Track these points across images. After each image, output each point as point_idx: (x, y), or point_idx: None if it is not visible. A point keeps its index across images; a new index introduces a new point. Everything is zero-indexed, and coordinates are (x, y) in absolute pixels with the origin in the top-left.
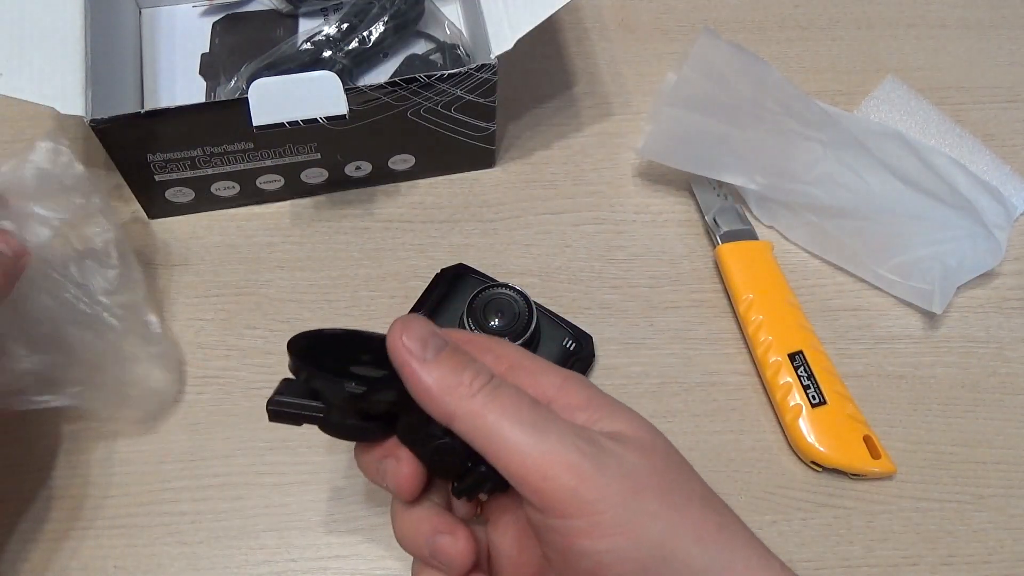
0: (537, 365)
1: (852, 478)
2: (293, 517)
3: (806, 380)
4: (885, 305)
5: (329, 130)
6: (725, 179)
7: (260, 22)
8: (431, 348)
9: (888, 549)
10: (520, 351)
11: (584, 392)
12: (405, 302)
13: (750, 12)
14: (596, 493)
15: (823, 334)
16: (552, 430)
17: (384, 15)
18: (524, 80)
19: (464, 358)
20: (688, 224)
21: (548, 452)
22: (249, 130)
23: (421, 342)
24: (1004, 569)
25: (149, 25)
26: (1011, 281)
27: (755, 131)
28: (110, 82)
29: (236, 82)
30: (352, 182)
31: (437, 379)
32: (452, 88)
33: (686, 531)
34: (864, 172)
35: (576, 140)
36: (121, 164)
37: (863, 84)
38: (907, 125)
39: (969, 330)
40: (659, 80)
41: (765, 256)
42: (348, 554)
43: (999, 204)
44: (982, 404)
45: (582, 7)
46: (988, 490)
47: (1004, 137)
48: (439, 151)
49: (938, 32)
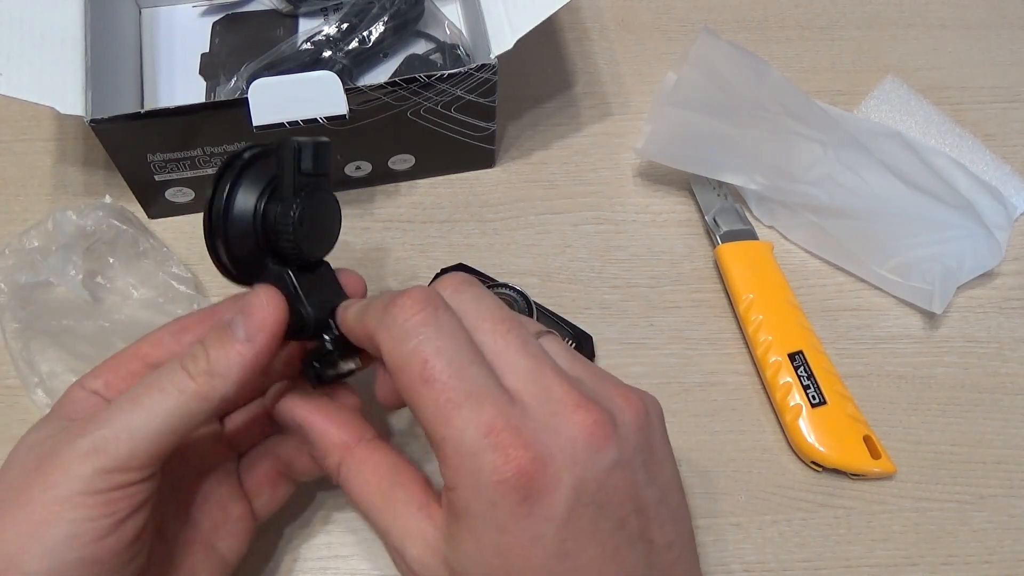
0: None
1: (852, 478)
2: (293, 517)
3: (806, 380)
4: (885, 305)
5: (329, 130)
6: (725, 179)
7: (260, 22)
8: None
9: (888, 549)
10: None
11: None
12: None
13: (750, 12)
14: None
15: (823, 334)
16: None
17: (384, 15)
18: (524, 80)
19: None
20: (688, 224)
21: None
22: (249, 130)
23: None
24: (1004, 569)
25: (149, 25)
26: (1011, 281)
27: (755, 131)
28: (110, 82)
29: (236, 82)
30: (352, 182)
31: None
32: (452, 88)
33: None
34: (864, 172)
35: (576, 140)
36: (121, 164)
37: (863, 84)
38: (907, 125)
39: (969, 330)
40: (659, 80)
41: (765, 256)
42: (348, 554)
43: (999, 204)
44: (982, 404)
45: (582, 7)
46: (988, 490)
47: (1004, 137)
48: (439, 151)
49: (938, 32)
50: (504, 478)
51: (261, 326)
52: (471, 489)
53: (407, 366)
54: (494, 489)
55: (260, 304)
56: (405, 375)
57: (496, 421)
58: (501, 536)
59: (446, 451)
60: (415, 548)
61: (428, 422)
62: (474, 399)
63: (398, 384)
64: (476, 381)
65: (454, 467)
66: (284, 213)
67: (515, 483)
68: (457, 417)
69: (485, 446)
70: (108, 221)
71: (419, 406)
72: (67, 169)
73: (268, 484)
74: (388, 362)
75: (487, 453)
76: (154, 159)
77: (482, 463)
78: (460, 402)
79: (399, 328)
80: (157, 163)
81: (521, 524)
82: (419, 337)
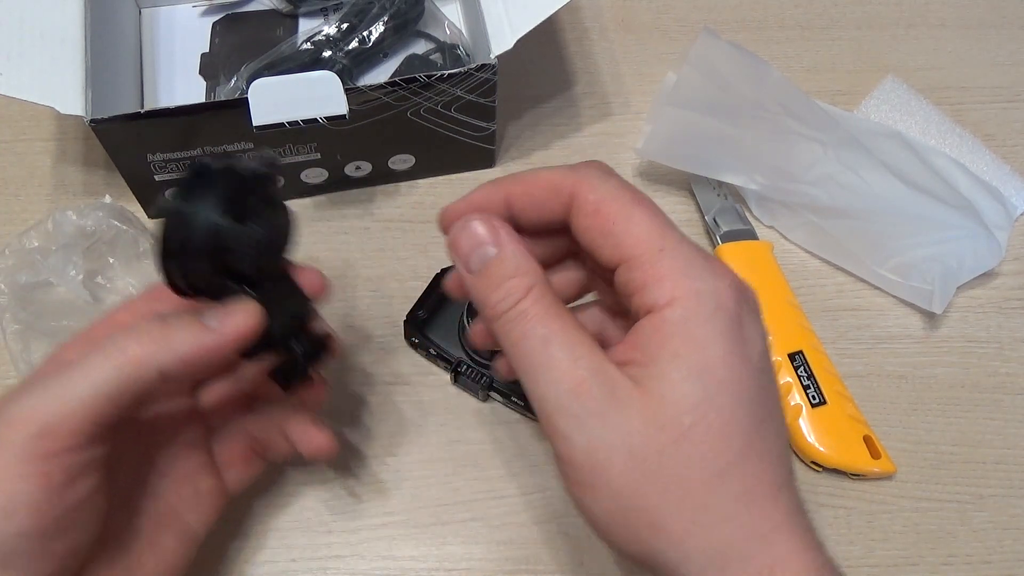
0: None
1: (852, 478)
2: (293, 517)
3: (806, 380)
4: (885, 305)
5: (329, 130)
6: (725, 179)
7: (260, 22)
8: (475, 259)
9: (888, 549)
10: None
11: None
12: (405, 302)
13: (750, 12)
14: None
15: (823, 334)
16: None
17: (384, 15)
18: (524, 80)
19: (502, 271)
20: (688, 224)
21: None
22: (249, 130)
23: (467, 253)
24: (1004, 569)
25: (149, 25)
26: (1011, 281)
27: (755, 131)
28: (110, 82)
29: (236, 82)
30: (352, 182)
31: (476, 294)
32: (452, 88)
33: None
34: (864, 172)
35: (576, 140)
36: (121, 164)
37: (863, 84)
38: (907, 125)
39: (969, 330)
40: (659, 80)
41: (765, 256)
42: (348, 554)
43: (999, 204)
44: (982, 404)
45: (582, 7)
46: (988, 490)
47: (1004, 137)
48: (439, 151)
49: (938, 32)
50: (729, 288)
51: (235, 324)
52: (692, 299)
53: (620, 195)
54: (716, 297)
55: (243, 310)
56: (619, 203)
57: (700, 250)
58: (717, 349)
59: (664, 264)
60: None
61: (643, 238)
62: (672, 227)
63: (608, 217)
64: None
65: (673, 278)
66: (242, 238)
67: (734, 296)
68: (672, 231)
69: (702, 261)
70: (108, 221)
71: (635, 223)
72: (67, 169)
73: (240, 461)
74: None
75: (705, 267)
76: (154, 159)
77: (703, 272)
78: (668, 223)
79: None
80: (157, 163)
81: (735, 337)
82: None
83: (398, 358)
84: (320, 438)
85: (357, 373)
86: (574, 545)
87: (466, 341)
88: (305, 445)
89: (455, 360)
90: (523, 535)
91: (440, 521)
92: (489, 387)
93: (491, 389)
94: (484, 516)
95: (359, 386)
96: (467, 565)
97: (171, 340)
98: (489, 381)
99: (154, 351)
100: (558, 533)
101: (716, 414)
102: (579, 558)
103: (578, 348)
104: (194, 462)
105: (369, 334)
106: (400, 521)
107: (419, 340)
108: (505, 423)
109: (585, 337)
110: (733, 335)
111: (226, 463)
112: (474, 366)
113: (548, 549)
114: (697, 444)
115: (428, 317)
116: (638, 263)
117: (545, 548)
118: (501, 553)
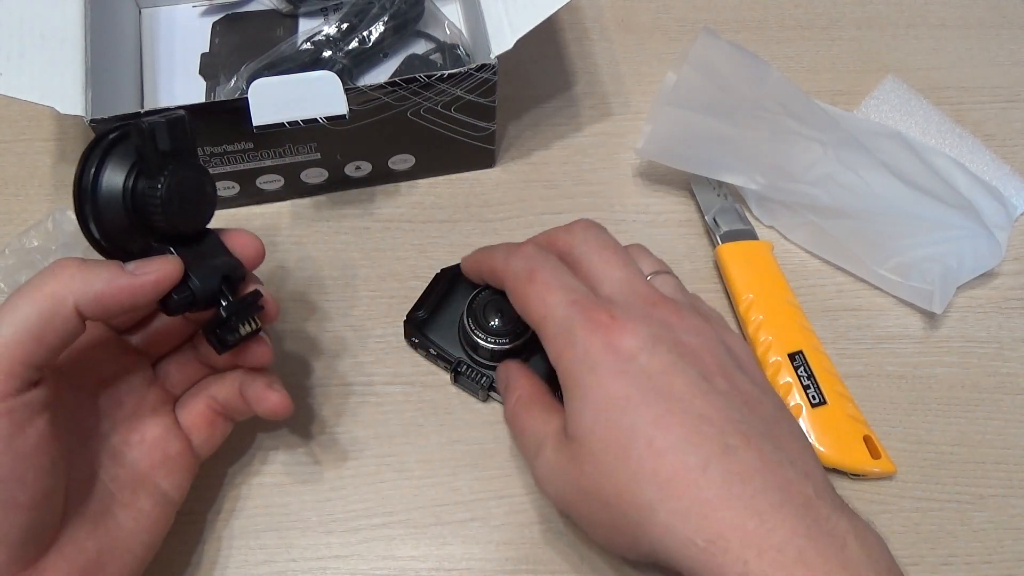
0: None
1: (852, 478)
2: (293, 517)
3: (806, 380)
4: (885, 305)
5: (329, 130)
6: (725, 179)
7: (260, 22)
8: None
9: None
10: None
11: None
12: (405, 302)
13: (750, 12)
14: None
15: (823, 334)
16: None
17: (384, 15)
18: (524, 80)
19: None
20: (688, 224)
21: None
22: (249, 130)
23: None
24: (1004, 569)
25: (149, 25)
26: (1011, 281)
27: (755, 131)
28: (110, 82)
29: (236, 82)
30: (352, 182)
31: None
32: (452, 88)
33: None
34: (864, 172)
35: (576, 140)
36: None
37: (863, 84)
38: (907, 125)
39: (969, 330)
40: (659, 80)
41: (765, 256)
42: (348, 554)
43: (999, 204)
44: (982, 404)
45: (582, 7)
46: (988, 490)
47: (1004, 137)
48: (439, 151)
49: (938, 32)
50: (591, 330)
51: (150, 270)
52: (568, 351)
53: (518, 273)
54: (584, 342)
55: (160, 259)
56: (516, 280)
57: (581, 299)
58: (599, 383)
59: (547, 329)
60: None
61: (532, 311)
62: (567, 288)
63: (511, 293)
64: (571, 282)
65: (552, 337)
66: (151, 193)
67: (600, 334)
68: (551, 297)
69: (572, 313)
70: None
71: (525, 299)
72: (67, 169)
73: (205, 423)
74: (505, 280)
75: (575, 317)
76: None
77: (572, 325)
78: (555, 288)
79: (517, 255)
80: None
81: (609, 364)
82: (530, 259)
83: (398, 358)
84: (274, 398)
85: (357, 373)
86: (574, 545)
87: (465, 339)
88: (259, 405)
89: (455, 360)
90: (523, 535)
91: (440, 521)
92: (489, 387)
93: (491, 389)
94: (484, 516)
95: (359, 386)
96: (467, 565)
97: (87, 278)
98: (489, 381)
99: (71, 287)
100: (558, 533)
101: (603, 429)
102: (579, 558)
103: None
104: (161, 428)
105: (369, 334)
106: (400, 521)
107: (419, 340)
108: (505, 423)
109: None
110: (607, 361)
111: (191, 427)
112: (474, 366)
113: (548, 549)
114: (599, 459)
115: (428, 317)
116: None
117: (545, 548)
118: (501, 553)
